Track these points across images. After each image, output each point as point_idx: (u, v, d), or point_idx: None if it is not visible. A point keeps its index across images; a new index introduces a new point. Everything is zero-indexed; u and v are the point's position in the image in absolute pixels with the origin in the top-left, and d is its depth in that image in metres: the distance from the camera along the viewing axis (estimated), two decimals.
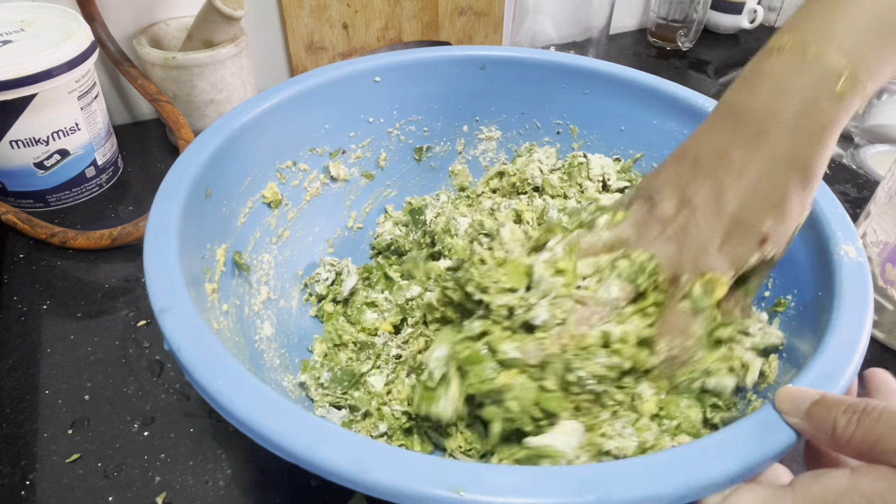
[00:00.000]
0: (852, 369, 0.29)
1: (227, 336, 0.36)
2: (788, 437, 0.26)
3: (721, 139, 0.34)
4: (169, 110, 0.63)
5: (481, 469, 0.24)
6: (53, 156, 0.57)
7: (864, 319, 0.31)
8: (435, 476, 0.24)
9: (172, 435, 0.42)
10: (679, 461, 0.25)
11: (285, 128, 0.46)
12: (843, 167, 0.70)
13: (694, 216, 0.34)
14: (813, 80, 0.31)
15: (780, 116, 0.32)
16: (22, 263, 0.54)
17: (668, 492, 0.24)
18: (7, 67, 0.51)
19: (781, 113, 0.32)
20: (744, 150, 0.32)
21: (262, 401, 0.26)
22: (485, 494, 0.23)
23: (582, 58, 0.51)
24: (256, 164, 0.44)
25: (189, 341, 0.28)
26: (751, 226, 0.33)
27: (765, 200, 0.32)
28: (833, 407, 0.25)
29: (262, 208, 0.45)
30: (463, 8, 0.82)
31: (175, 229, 0.34)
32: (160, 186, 0.36)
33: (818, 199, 0.38)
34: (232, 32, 0.65)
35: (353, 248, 0.52)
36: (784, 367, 0.35)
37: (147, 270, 0.31)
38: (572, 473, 0.25)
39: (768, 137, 0.32)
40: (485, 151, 0.56)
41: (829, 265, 0.35)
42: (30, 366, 0.46)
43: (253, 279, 0.43)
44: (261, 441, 0.26)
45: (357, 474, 0.24)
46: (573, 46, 0.84)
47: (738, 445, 0.26)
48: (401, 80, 0.50)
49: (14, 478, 0.39)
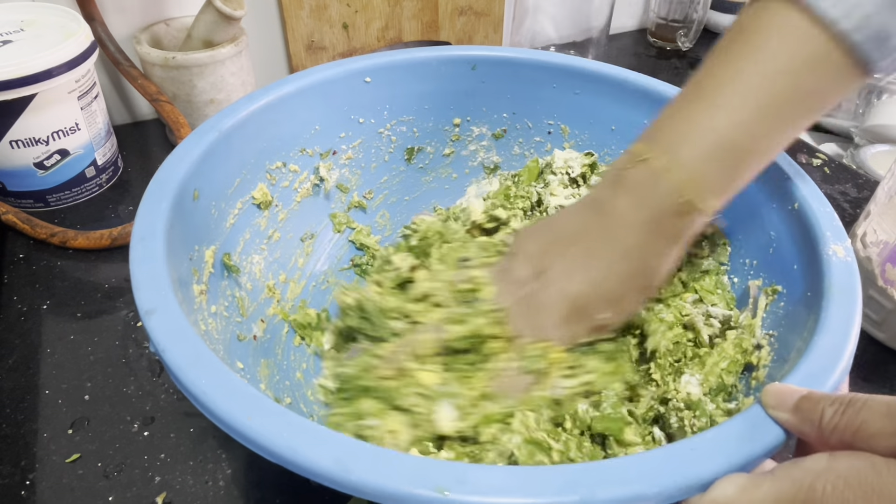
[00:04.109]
0: (841, 369, 0.29)
1: (214, 337, 0.36)
2: (776, 436, 0.26)
3: (583, 227, 0.37)
4: (169, 110, 0.63)
5: (466, 469, 0.24)
6: (53, 156, 0.58)
7: (853, 319, 0.31)
8: (419, 476, 0.24)
9: (172, 435, 0.42)
10: (666, 460, 0.25)
11: (275, 129, 0.46)
12: (843, 167, 0.70)
13: (545, 288, 0.37)
14: (661, 198, 0.34)
15: (632, 226, 0.35)
16: (22, 263, 0.54)
17: (654, 491, 0.24)
18: (7, 67, 0.51)
19: (634, 223, 0.35)
20: (598, 245, 0.36)
21: (245, 401, 0.26)
22: (469, 494, 0.23)
23: (573, 58, 0.51)
24: (245, 166, 0.44)
25: (174, 343, 0.28)
26: (589, 314, 0.36)
27: (606, 296, 0.36)
28: (820, 400, 0.26)
29: (252, 210, 0.45)
30: (463, 8, 0.82)
31: (161, 231, 0.34)
32: (147, 188, 0.36)
33: (808, 198, 0.38)
34: (232, 32, 0.65)
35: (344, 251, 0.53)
36: (774, 367, 0.35)
37: (133, 272, 0.31)
38: (557, 473, 0.24)
39: (620, 242, 0.35)
40: (475, 152, 0.56)
41: (818, 265, 0.35)
42: (30, 366, 0.46)
43: (242, 280, 0.43)
44: (243, 441, 0.26)
45: (340, 474, 0.24)
46: (573, 46, 0.84)
47: (726, 444, 0.26)
48: (392, 81, 0.50)
49: (14, 478, 0.39)
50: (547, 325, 0.37)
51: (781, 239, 0.40)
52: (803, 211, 0.37)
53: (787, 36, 0.33)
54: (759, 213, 0.42)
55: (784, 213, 0.39)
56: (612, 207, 0.36)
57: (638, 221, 0.35)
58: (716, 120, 0.33)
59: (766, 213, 0.41)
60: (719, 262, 0.44)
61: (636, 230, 0.35)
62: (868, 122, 0.75)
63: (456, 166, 0.56)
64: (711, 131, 0.33)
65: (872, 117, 0.75)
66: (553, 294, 0.37)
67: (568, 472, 0.24)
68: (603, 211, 0.36)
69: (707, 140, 0.33)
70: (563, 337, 0.37)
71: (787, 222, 0.39)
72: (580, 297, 0.36)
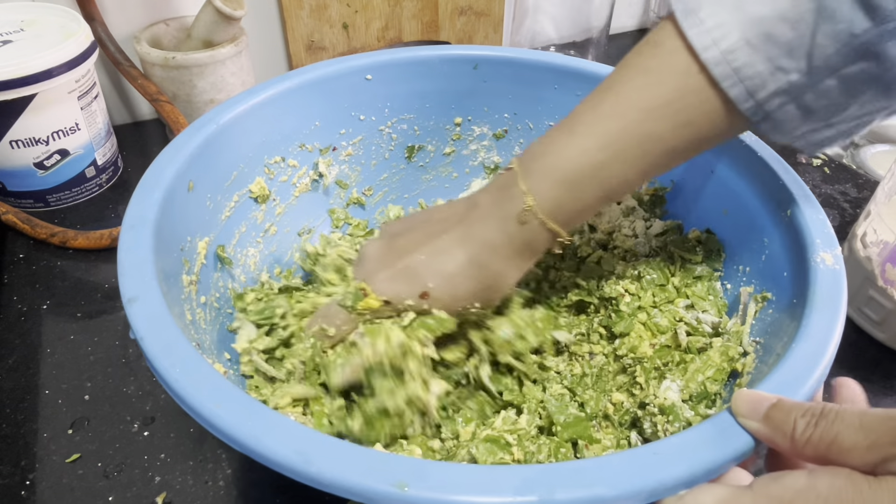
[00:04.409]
0: (816, 378, 0.29)
1: (202, 328, 0.36)
2: (745, 443, 0.26)
3: (449, 212, 0.39)
4: (169, 110, 0.63)
5: (426, 465, 0.24)
6: (53, 156, 0.58)
7: (834, 328, 0.31)
8: (380, 470, 0.24)
9: (172, 435, 0.42)
10: (628, 463, 0.25)
11: (275, 123, 0.46)
12: (843, 167, 0.70)
13: (390, 245, 0.39)
14: (511, 204, 0.36)
15: (484, 219, 0.37)
16: (22, 263, 0.54)
17: (613, 494, 0.24)
18: (7, 67, 0.51)
19: (486, 217, 0.37)
20: (454, 226, 0.38)
21: (216, 390, 0.27)
22: (429, 490, 0.23)
23: (575, 59, 0.51)
24: (244, 159, 0.44)
25: (152, 331, 0.29)
26: (418, 277, 0.37)
27: (438, 268, 0.37)
28: (791, 410, 0.25)
29: (249, 203, 0.45)
30: (463, 8, 0.82)
31: (151, 221, 0.34)
32: (142, 178, 0.37)
33: (801, 205, 0.37)
34: (232, 32, 0.65)
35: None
36: (756, 375, 0.34)
37: (119, 260, 0.32)
38: (517, 472, 0.24)
39: (470, 231, 0.37)
40: (476, 151, 0.56)
41: (806, 272, 0.34)
42: (30, 366, 0.46)
43: (236, 272, 0.43)
44: (210, 428, 0.26)
45: (301, 465, 0.24)
46: (573, 46, 0.84)
47: (690, 450, 0.26)
48: (393, 79, 0.50)
49: (14, 478, 0.39)
50: (379, 275, 0.37)
51: (774, 246, 0.39)
52: (795, 217, 0.37)
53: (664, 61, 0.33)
54: (754, 219, 0.42)
55: (777, 219, 0.39)
56: (478, 203, 0.38)
57: (489, 217, 0.37)
58: (567, 146, 0.35)
59: (761, 220, 0.41)
60: (713, 268, 0.44)
61: (483, 224, 0.37)
62: None
63: (456, 165, 0.56)
64: (555, 154, 0.35)
65: None
66: (392, 251, 0.38)
67: (528, 471, 0.24)
68: (472, 203, 0.38)
69: (549, 163, 0.35)
70: (389, 291, 0.37)
71: (779, 229, 0.39)
72: (415, 261, 0.37)
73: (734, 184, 0.43)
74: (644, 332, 0.42)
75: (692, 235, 0.46)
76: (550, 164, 0.35)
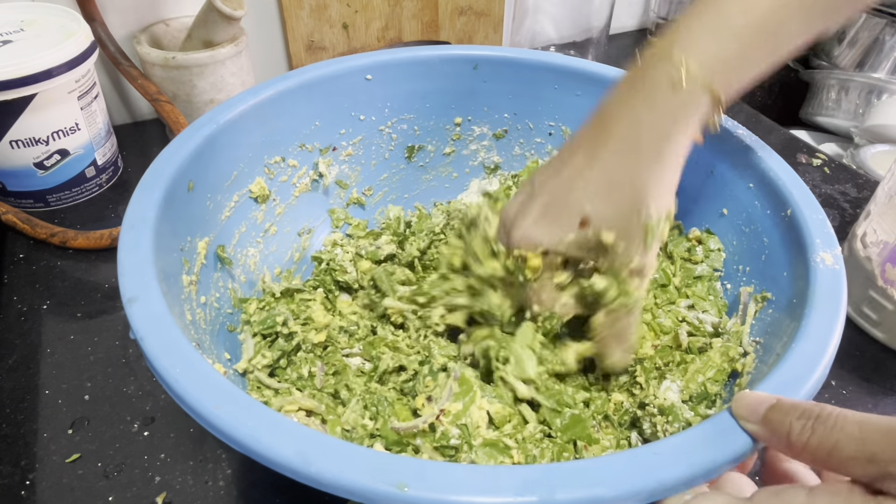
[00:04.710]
0: (816, 378, 0.29)
1: (201, 327, 0.36)
2: (743, 443, 0.26)
3: (577, 133, 0.35)
4: (169, 110, 0.63)
5: (426, 465, 0.24)
6: (53, 156, 0.58)
7: (834, 327, 0.31)
8: (380, 470, 0.24)
9: (172, 435, 0.42)
10: (628, 464, 0.25)
11: (275, 123, 0.46)
12: (843, 167, 0.70)
13: (528, 193, 0.35)
14: (658, 75, 0.32)
15: (622, 106, 0.33)
16: (22, 263, 0.54)
17: (613, 494, 0.24)
18: (7, 67, 0.51)
19: (623, 103, 0.33)
20: (587, 139, 0.34)
21: (215, 390, 0.27)
22: (428, 490, 0.23)
23: (575, 59, 0.51)
24: (243, 159, 0.44)
25: (152, 331, 0.29)
26: (568, 206, 0.33)
27: (588, 183, 0.33)
28: (788, 412, 0.25)
29: (249, 203, 0.45)
30: (463, 8, 0.82)
31: (151, 221, 0.34)
32: (142, 178, 0.37)
33: (801, 204, 0.38)
34: (232, 32, 0.65)
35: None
36: (756, 375, 0.34)
37: (119, 260, 0.32)
38: (517, 472, 0.25)
39: (606, 129, 0.33)
40: (476, 151, 0.56)
41: (805, 272, 0.34)
42: (30, 366, 0.46)
43: (236, 272, 0.43)
44: (210, 429, 0.26)
45: (300, 466, 0.24)
46: (573, 47, 0.84)
47: (690, 450, 0.26)
48: (393, 79, 0.50)
49: (14, 478, 0.39)
50: (524, 223, 0.34)
51: (774, 245, 0.40)
52: (795, 217, 0.37)
53: None
54: (754, 219, 0.42)
55: (777, 219, 0.39)
56: (607, 101, 0.34)
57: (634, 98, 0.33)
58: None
59: (761, 219, 0.41)
60: (713, 268, 0.44)
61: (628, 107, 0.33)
62: (868, 122, 0.75)
63: (456, 165, 0.56)
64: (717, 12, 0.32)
65: (872, 117, 0.75)
66: (530, 193, 0.35)
67: (528, 471, 0.24)
68: (599, 106, 0.35)
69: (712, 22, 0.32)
70: (540, 235, 0.34)
71: (779, 228, 0.39)
72: (556, 187, 0.33)
73: (734, 184, 0.43)
74: (647, 333, 0.42)
75: (692, 235, 0.46)
76: (713, 24, 0.32)
